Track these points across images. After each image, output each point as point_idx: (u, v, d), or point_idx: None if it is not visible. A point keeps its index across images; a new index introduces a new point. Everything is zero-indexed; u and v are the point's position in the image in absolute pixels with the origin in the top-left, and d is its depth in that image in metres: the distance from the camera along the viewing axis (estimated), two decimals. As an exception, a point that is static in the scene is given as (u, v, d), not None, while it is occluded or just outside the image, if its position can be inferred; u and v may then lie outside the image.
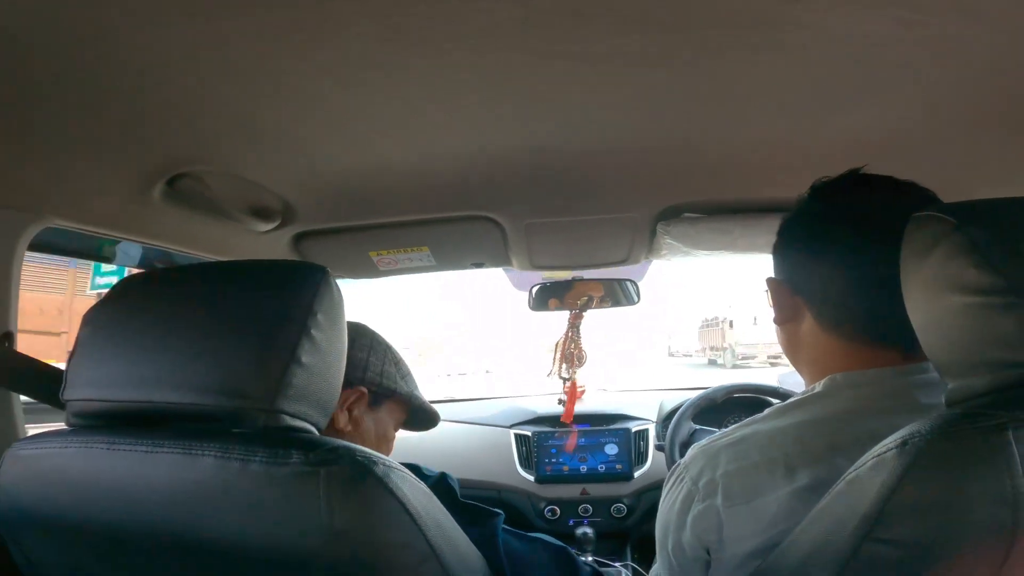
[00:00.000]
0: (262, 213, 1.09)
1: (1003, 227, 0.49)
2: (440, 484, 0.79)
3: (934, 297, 0.52)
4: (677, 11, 0.58)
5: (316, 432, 0.58)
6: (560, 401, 1.97)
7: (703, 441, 0.73)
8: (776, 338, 0.81)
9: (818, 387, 0.70)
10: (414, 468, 0.77)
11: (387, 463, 0.53)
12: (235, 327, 0.55)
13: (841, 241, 0.67)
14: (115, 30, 0.57)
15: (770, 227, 1.17)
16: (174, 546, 0.53)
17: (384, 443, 0.98)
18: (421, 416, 1.06)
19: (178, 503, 0.52)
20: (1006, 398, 0.46)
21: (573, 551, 0.84)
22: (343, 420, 0.88)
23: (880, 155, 0.75)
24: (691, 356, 25.11)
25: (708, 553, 0.69)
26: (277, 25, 0.58)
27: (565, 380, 1.97)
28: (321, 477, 0.49)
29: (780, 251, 0.78)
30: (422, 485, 0.57)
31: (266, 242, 1.23)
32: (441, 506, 0.60)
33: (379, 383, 0.93)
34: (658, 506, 0.78)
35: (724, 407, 1.61)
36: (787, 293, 0.75)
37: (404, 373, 1.00)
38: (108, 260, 1.42)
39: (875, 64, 0.70)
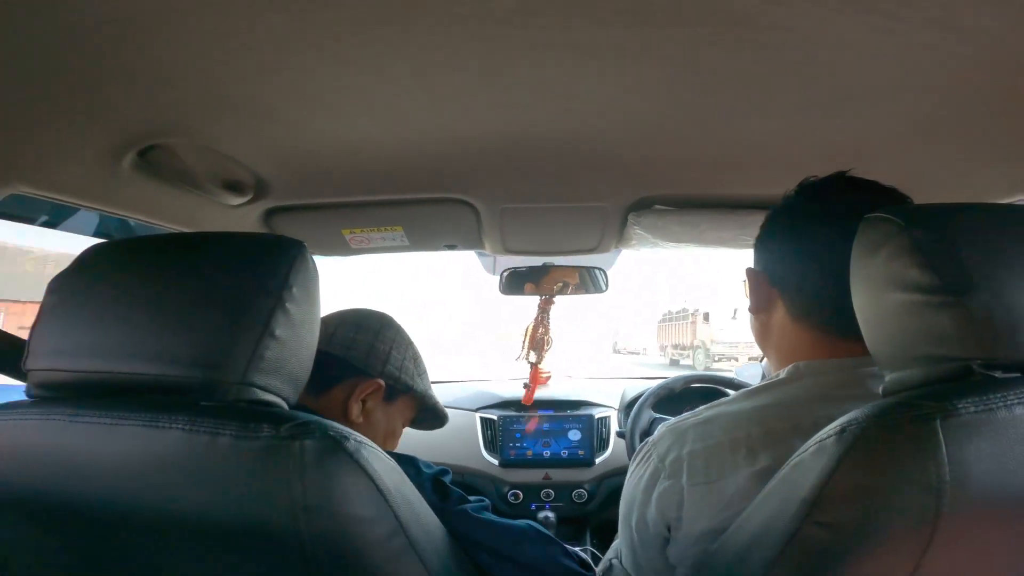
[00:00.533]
0: (234, 187, 1.08)
1: (945, 231, 0.51)
2: (439, 474, 0.80)
3: (878, 293, 0.54)
4: (660, 7, 0.59)
5: (286, 406, 0.57)
6: (525, 385, 1.99)
7: (672, 420, 0.76)
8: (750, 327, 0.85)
9: (783, 373, 0.73)
10: (412, 461, 0.78)
11: (358, 439, 0.53)
12: (208, 298, 0.54)
13: (821, 238, 0.70)
14: (82, 2, 0.56)
15: (737, 222, 1.22)
16: (137, 520, 0.53)
17: (391, 438, 0.98)
18: (430, 416, 1.07)
19: (142, 476, 0.51)
20: (938, 390, 0.48)
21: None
22: (356, 411, 0.88)
23: (852, 159, 0.77)
24: (639, 354, 24.02)
25: (669, 530, 0.72)
26: (258, 4, 0.58)
27: (533, 364, 2.00)
28: (292, 451, 0.48)
29: (762, 243, 0.81)
30: (392, 462, 0.58)
31: (236, 216, 1.22)
32: (411, 484, 0.61)
33: (397, 377, 0.93)
34: (619, 492, 0.80)
35: (683, 397, 1.65)
36: (765, 283, 0.78)
37: (421, 371, 1.00)
38: (74, 230, 1.38)
39: (850, 70, 0.72)
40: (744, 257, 1.34)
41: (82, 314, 0.56)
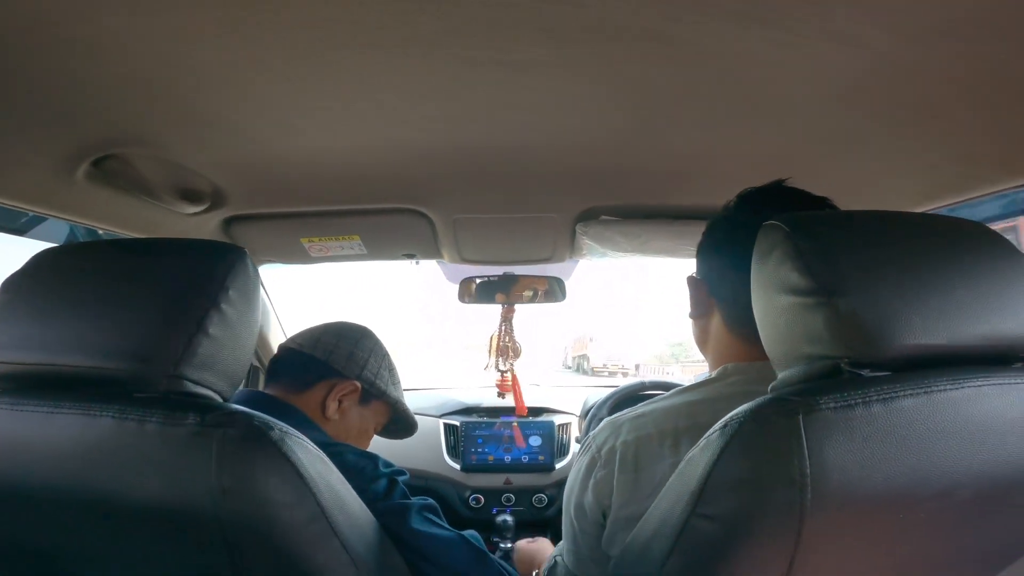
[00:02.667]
0: (190, 196, 1.10)
1: (824, 237, 0.54)
2: (395, 472, 0.86)
3: (768, 296, 0.57)
4: (577, 25, 0.63)
5: (220, 400, 0.60)
6: (499, 395, 2.01)
7: (614, 415, 0.80)
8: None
9: (714, 373, 0.77)
10: (373, 458, 0.84)
11: (284, 429, 0.57)
12: (145, 296, 0.57)
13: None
14: (46, 13, 0.58)
15: (676, 233, 1.28)
16: (72, 503, 0.56)
17: (364, 437, 1.07)
18: (401, 425, 1.16)
19: (77, 462, 0.54)
20: (807, 387, 0.50)
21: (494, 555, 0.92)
22: (332, 408, 0.96)
23: (778, 170, 0.81)
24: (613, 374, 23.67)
25: (604, 519, 0.75)
26: (210, 16, 0.60)
27: (503, 372, 2.02)
28: (214, 438, 0.52)
29: (702, 253, 0.85)
30: (318, 452, 0.61)
31: (194, 224, 1.23)
32: (339, 474, 0.64)
33: (373, 382, 1.02)
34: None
35: (639, 401, 1.69)
36: (704, 291, 0.82)
37: (396, 381, 1.11)
38: (44, 238, 1.40)
39: (764, 84, 0.76)
40: (687, 266, 1.40)
41: (29, 311, 0.58)
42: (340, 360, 1.00)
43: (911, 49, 0.66)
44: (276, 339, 1.92)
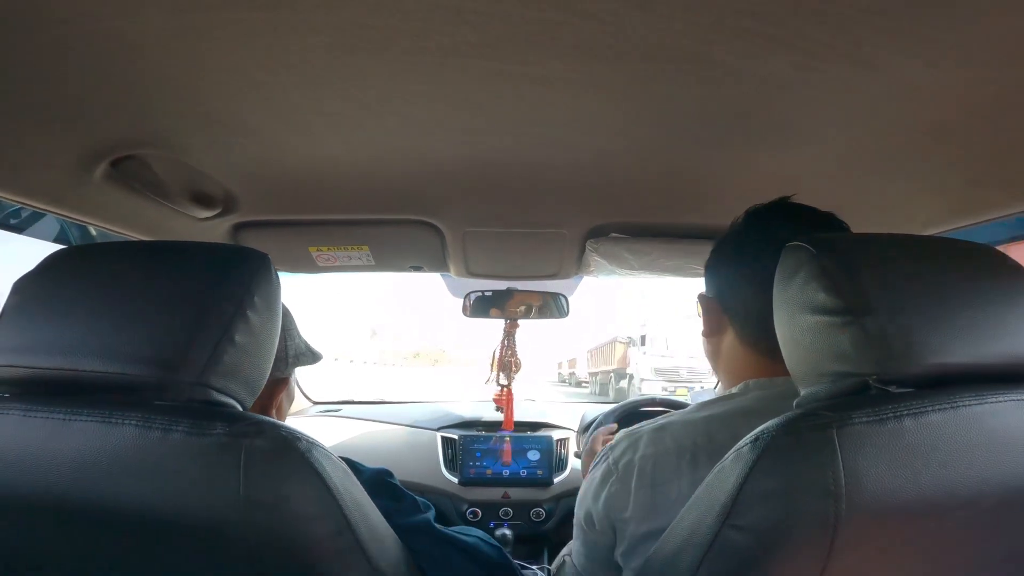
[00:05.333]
0: (203, 200, 1.10)
1: (850, 258, 0.56)
2: (378, 476, 0.83)
3: (793, 316, 0.59)
4: (607, 44, 0.64)
5: (241, 408, 0.60)
6: (497, 408, 2.02)
7: (632, 427, 0.80)
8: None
9: (735, 389, 0.77)
10: (349, 463, 0.80)
11: (310, 440, 0.56)
12: (170, 302, 0.56)
13: (765, 266, 0.72)
14: (78, 11, 0.58)
15: (687, 251, 1.29)
16: (91, 513, 0.54)
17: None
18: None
19: (96, 470, 0.52)
20: (837, 403, 0.51)
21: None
22: (280, 410, 0.92)
23: (791, 191, 0.82)
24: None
25: (614, 532, 0.75)
26: (242, 22, 0.60)
27: (503, 387, 2.03)
28: (242, 449, 0.51)
29: (712, 270, 0.85)
30: (344, 465, 0.61)
31: (204, 229, 1.23)
32: (361, 487, 0.63)
33: (297, 361, 0.96)
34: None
35: (640, 418, 1.69)
36: (717, 309, 0.82)
37: (293, 329, 0.98)
38: (39, 236, 1.39)
39: (782, 105, 0.77)
40: (697, 284, 1.41)
41: (44, 313, 0.57)
42: None
43: (927, 74, 0.67)
44: None
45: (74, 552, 0.57)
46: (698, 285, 0.91)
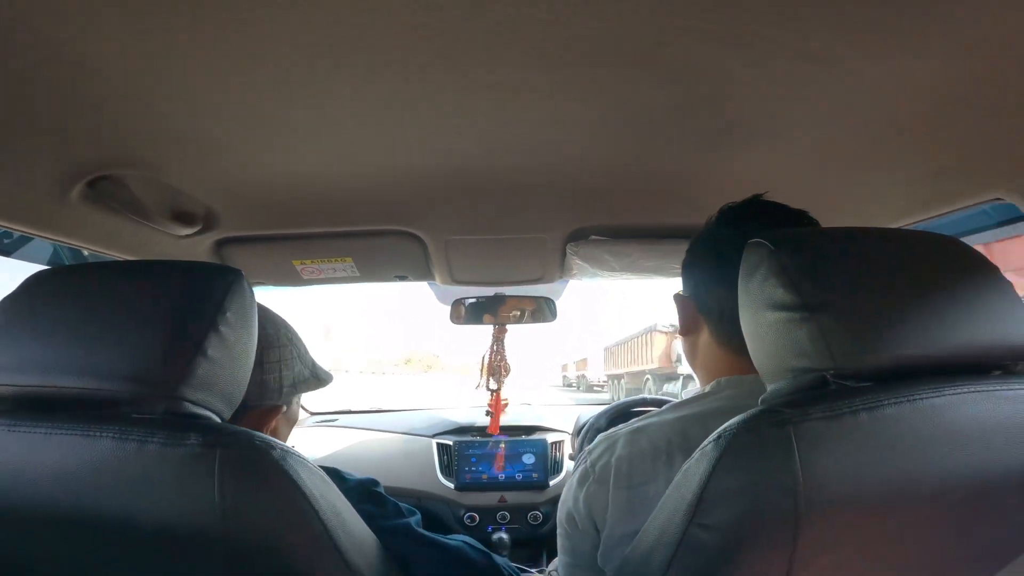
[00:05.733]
0: (183, 218, 1.11)
1: (807, 254, 0.56)
2: (362, 485, 0.83)
3: (755, 313, 0.59)
4: (565, 47, 0.65)
5: (218, 420, 0.61)
6: (488, 413, 2.04)
7: (611, 430, 0.80)
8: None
9: (707, 388, 0.79)
10: (334, 472, 0.81)
11: (284, 448, 0.57)
12: (144, 319, 0.58)
13: (736, 265, 0.75)
14: (44, 35, 0.59)
15: (665, 252, 1.30)
16: (72, 523, 0.55)
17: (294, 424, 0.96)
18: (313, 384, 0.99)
19: (76, 482, 0.54)
20: (796, 399, 0.51)
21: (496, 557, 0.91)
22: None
23: (764, 188, 0.82)
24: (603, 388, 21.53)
25: (597, 531, 0.76)
26: (206, 41, 0.62)
27: (492, 391, 2.05)
28: (216, 458, 0.52)
29: (687, 269, 0.86)
30: (320, 472, 0.62)
31: (187, 246, 1.24)
32: (339, 493, 0.65)
33: (293, 391, 0.91)
34: None
35: (631, 418, 1.70)
36: (692, 309, 0.83)
37: (303, 355, 0.94)
38: (28, 259, 1.40)
39: (746, 103, 0.78)
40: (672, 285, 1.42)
41: (24, 333, 0.59)
42: (253, 399, 0.84)
43: (882, 68, 0.68)
44: None
45: (58, 560, 0.59)
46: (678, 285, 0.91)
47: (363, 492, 0.82)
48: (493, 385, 2.06)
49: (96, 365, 0.56)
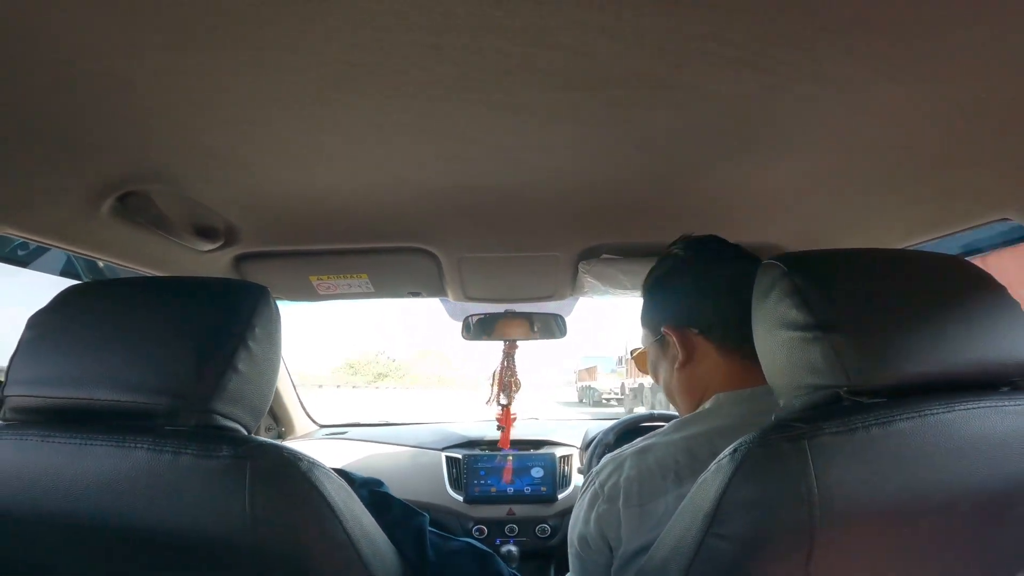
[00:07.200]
0: (206, 233, 1.13)
1: (820, 274, 0.59)
2: (369, 484, 0.86)
3: (769, 331, 0.61)
4: (582, 72, 0.66)
5: (246, 433, 0.64)
6: (499, 427, 2.05)
7: (616, 451, 0.82)
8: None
9: (707, 404, 0.80)
10: (343, 473, 0.83)
11: (311, 460, 0.60)
12: (176, 334, 0.60)
13: (720, 274, 0.77)
14: (81, 51, 0.61)
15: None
16: (105, 533, 0.57)
17: None
18: None
19: (108, 493, 0.56)
20: (811, 414, 0.53)
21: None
22: None
23: (770, 207, 0.85)
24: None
25: (611, 549, 0.78)
26: (238, 62, 0.64)
27: (504, 406, 2.06)
28: (247, 469, 0.54)
29: (671, 299, 0.88)
30: (343, 483, 0.64)
31: (207, 261, 1.27)
32: (360, 503, 0.67)
33: None
34: None
35: (640, 434, 1.71)
36: (691, 334, 0.85)
37: None
38: (43, 269, 1.43)
39: (754, 124, 0.80)
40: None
41: (59, 347, 0.61)
42: None
43: (891, 90, 0.70)
44: (280, 379, 1.95)
45: (91, 569, 0.61)
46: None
47: (371, 493, 0.84)
48: (504, 400, 2.07)
49: (130, 378, 0.58)
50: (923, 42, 0.61)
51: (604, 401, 20.26)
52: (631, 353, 0.91)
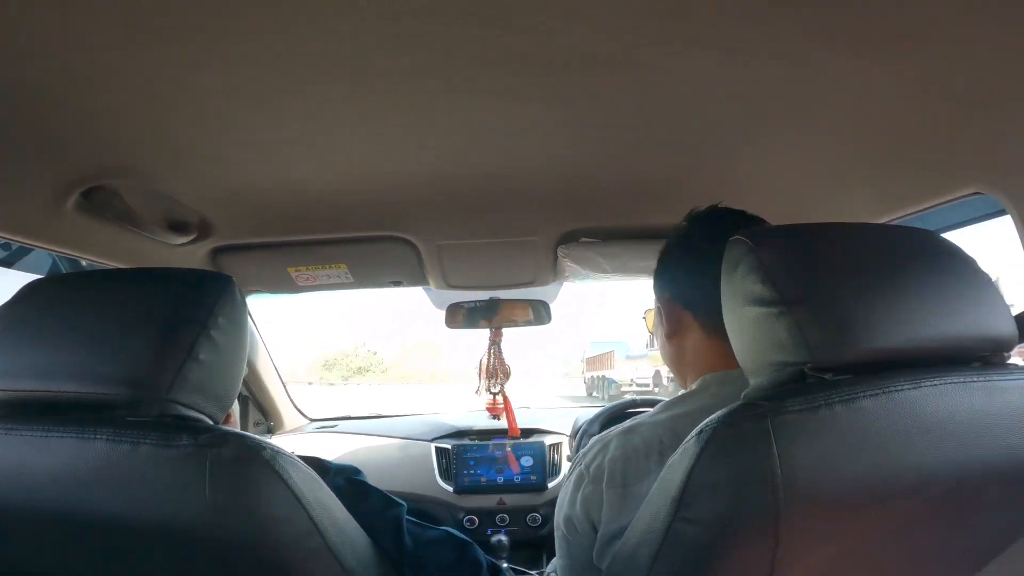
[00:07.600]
0: (178, 227, 1.12)
1: (785, 249, 0.57)
2: (345, 472, 0.84)
3: (736, 308, 0.60)
4: (544, 53, 0.66)
5: (210, 423, 0.63)
6: (492, 416, 2.03)
7: (602, 432, 0.82)
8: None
9: (694, 385, 0.80)
10: (318, 461, 0.83)
11: (276, 449, 0.59)
12: (136, 324, 0.59)
13: (717, 250, 0.75)
14: (41, 46, 0.60)
15: (653, 252, 1.30)
16: (67, 525, 0.57)
17: None
18: None
19: (70, 484, 0.55)
20: (775, 392, 0.52)
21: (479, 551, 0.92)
22: None
23: (744, 187, 0.85)
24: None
25: (595, 530, 0.77)
26: (198, 52, 0.63)
27: (495, 394, 2.05)
28: (207, 458, 0.54)
29: (666, 274, 0.88)
30: (311, 471, 0.63)
31: (182, 254, 1.26)
32: (329, 491, 0.66)
33: None
34: None
35: (627, 419, 1.72)
36: (678, 309, 0.85)
37: None
38: (30, 269, 1.41)
39: (723, 105, 0.79)
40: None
41: (20, 340, 0.60)
42: None
43: (858, 68, 0.69)
44: (265, 369, 1.94)
45: (53, 559, 0.61)
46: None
47: (347, 481, 0.83)
48: (494, 388, 2.06)
49: (91, 370, 0.57)
50: (889, 20, 0.60)
51: (623, 394, 16.41)
52: (644, 315, 0.91)
